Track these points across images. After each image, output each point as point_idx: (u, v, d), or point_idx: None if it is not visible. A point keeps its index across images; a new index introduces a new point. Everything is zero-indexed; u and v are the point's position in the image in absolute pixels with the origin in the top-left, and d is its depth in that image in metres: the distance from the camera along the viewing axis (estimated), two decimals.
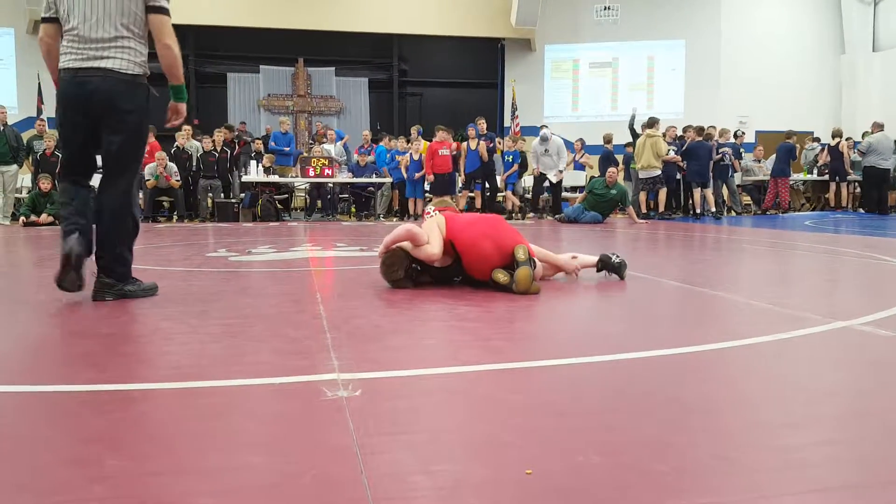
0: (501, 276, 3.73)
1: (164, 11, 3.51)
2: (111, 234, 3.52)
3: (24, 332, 2.93)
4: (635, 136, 12.53)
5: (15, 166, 11.43)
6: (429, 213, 4.28)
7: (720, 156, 12.99)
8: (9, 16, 14.77)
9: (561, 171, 12.38)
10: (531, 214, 12.86)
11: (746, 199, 14.50)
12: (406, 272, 3.90)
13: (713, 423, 1.72)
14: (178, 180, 11.92)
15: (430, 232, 3.91)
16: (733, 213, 13.40)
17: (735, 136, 13.86)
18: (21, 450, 1.54)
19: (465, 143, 12.13)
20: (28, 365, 2.35)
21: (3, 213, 11.26)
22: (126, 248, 3.57)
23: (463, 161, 12.08)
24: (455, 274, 4.06)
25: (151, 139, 12.28)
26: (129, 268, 3.60)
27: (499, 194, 13.17)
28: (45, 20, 3.56)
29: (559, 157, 12.37)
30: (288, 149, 13.79)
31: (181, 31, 16.51)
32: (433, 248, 3.85)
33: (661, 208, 12.10)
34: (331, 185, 12.81)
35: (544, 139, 12.40)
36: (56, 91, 3.53)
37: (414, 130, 13.44)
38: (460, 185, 12.49)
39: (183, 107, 3.74)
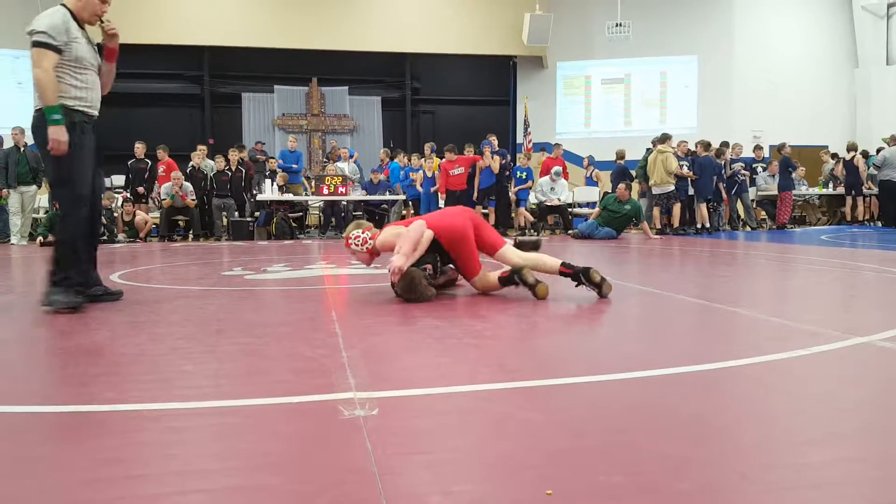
0: (529, 278, 4.07)
1: (34, 45, 3.85)
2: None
3: (42, 352, 2.95)
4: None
5: (34, 187, 11.59)
6: (358, 237, 4.39)
7: (732, 172, 12.93)
8: (27, 39, 14.96)
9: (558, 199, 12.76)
10: (547, 231, 12.83)
11: (762, 214, 14.41)
12: (427, 280, 4.07)
13: (733, 440, 1.71)
14: (193, 199, 12.02)
15: (400, 231, 4.22)
16: (748, 229, 13.31)
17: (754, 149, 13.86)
18: (40, 470, 1.55)
19: (479, 161, 12.17)
20: (47, 385, 2.37)
21: (22, 233, 11.39)
22: (56, 265, 3.89)
23: (477, 178, 12.13)
24: (425, 262, 4.28)
25: (166, 158, 12.43)
26: (58, 281, 3.83)
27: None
28: None
29: (562, 191, 12.83)
30: (296, 166, 13.93)
31: (197, 51, 16.69)
32: (417, 232, 4.13)
33: (676, 223, 12.05)
34: (344, 202, 12.87)
35: (557, 174, 12.71)
36: None
37: (427, 147, 13.51)
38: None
39: (53, 129, 3.74)
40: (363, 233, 4.40)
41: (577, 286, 4.19)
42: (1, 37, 14.91)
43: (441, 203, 12.72)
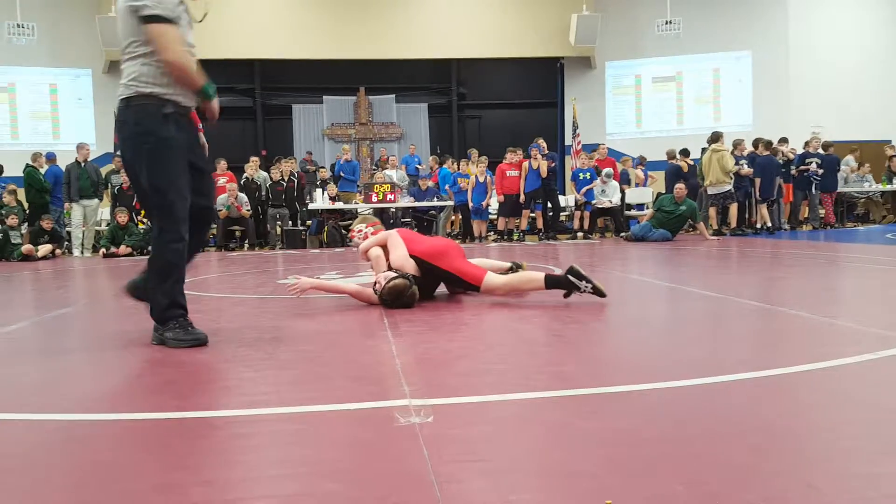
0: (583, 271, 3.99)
1: (148, 20, 3.02)
2: (148, 276, 3.27)
3: (107, 361, 3.04)
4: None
5: (96, 200, 12.00)
6: (360, 230, 4.47)
7: (806, 168, 12.57)
8: (87, 57, 15.58)
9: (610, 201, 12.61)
10: (597, 234, 12.67)
11: (821, 211, 14.02)
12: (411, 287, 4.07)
13: (799, 449, 1.66)
14: (248, 210, 12.28)
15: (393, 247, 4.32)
16: (811, 227, 12.94)
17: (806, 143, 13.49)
18: (111, 476, 1.60)
19: (526, 163, 12.11)
20: (114, 394, 2.44)
21: (85, 246, 11.79)
22: (157, 292, 3.18)
23: (523, 181, 12.07)
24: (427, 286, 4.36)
25: (223, 168, 12.73)
26: (164, 312, 3.17)
27: (563, 214, 13.08)
28: None
29: (613, 194, 12.67)
30: (353, 176, 14.18)
31: (248, 65, 17.09)
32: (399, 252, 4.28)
33: (734, 224, 11.78)
34: (393, 209, 12.98)
35: (608, 176, 12.59)
36: None
37: (475, 153, 13.52)
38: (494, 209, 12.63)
39: (212, 103, 3.32)
40: (366, 227, 4.57)
41: (566, 295, 4.02)
42: (63, 56, 15.57)
43: (494, 208, 12.67)
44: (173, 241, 3.14)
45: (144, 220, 12.21)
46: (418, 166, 14.84)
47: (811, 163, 12.66)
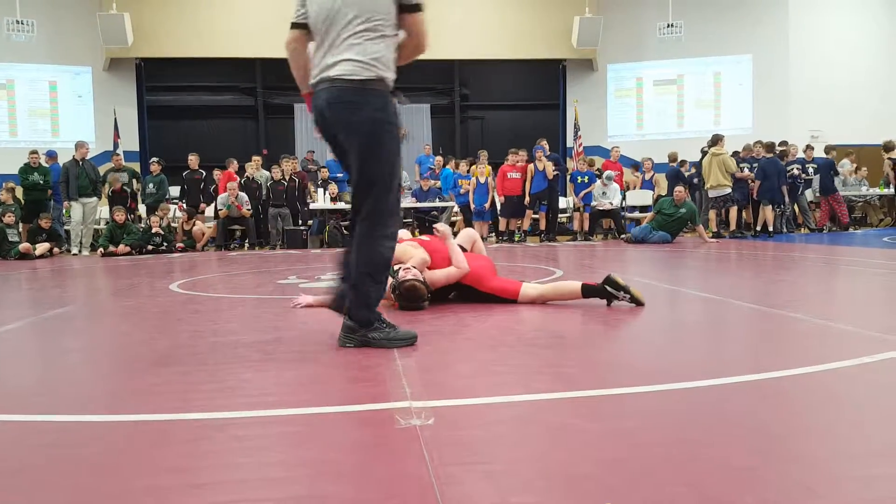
0: (620, 280, 3.99)
1: (420, 9, 3.05)
2: (354, 268, 2.98)
3: (105, 362, 3.04)
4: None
5: (95, 198, 11.97)
6: (402, 239, 4.55)
7: (790, 173, 12.62)
8: (86, 55, 15.54)
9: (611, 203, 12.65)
10: (599, 236, 12.70)
11: (817, 214, 14.04)
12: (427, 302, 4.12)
13: (798, 452, 1.67)
14: (248, 209, 12.28)
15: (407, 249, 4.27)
16: (806, 231, 12.95)
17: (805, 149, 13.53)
18: (104, 478, 1.60)
19: (531, 165, 12.15)
20: (110, 394, 2.44)
21: (83, 244, 11.77)
22: (369, 291, 2.98)
23: (529, 182, 12.12)
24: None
25: (234, 168, 12.81)
26: (371, 313, 3.00)
27: (563, 216, 13.08)
28: (294, 25, 3.36)
29: (614, 196, 12.72)
30: (341, 175, 14.21)
31: (250, 64, 16.94)
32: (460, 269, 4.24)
33: (733, 227, 11.80)
34: None
35: (609, 178, 12.61)
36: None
37: (484, 155, 13.56)
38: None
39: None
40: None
41: (609, 305, 3.98)
42: (63, 53, 15.53)
43: (498, 206, 12.68)
44: (388, 237, 2.99)
45: (145, 216, 12.24)
46: (431, 167, 14.84)
47: (792, 169, 12.73)
